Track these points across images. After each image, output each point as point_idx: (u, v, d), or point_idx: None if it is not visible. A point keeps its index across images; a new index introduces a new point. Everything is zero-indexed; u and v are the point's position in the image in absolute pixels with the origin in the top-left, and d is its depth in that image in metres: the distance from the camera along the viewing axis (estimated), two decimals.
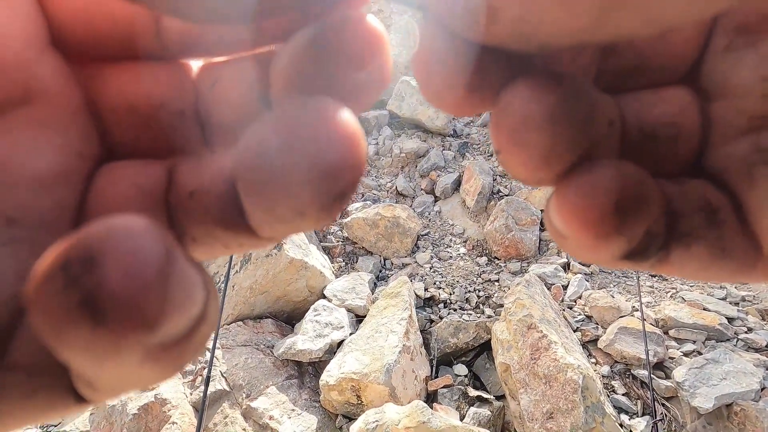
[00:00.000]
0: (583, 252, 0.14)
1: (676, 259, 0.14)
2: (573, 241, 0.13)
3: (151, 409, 2.07)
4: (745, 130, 0.14)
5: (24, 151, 0.13)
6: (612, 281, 2.83)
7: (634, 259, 0.14)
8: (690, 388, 1.99)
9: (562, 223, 0.13)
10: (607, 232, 0.12)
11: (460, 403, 2.24)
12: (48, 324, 0.09)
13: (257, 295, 2.67)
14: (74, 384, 0.12)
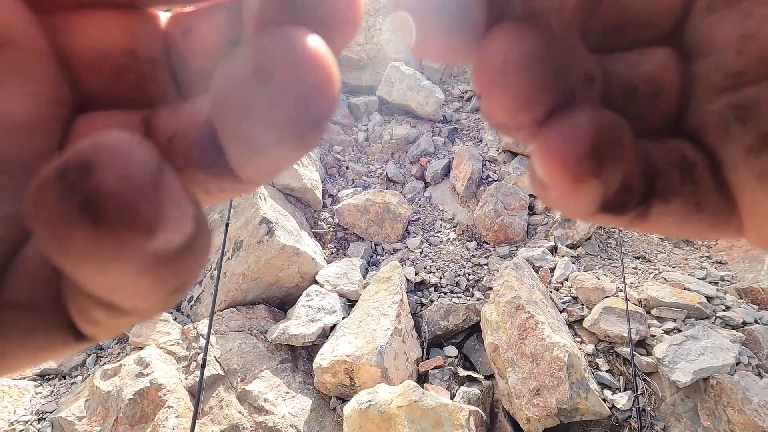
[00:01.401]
0: (562, 201, 0.14)
1: (654, 214, 0.15)
2: (553, 189, 0.13)
3: (146, 394, 2.09)
4: (722, 87, 0.14)
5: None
6: (597, 264, 2.90)
7: (612, 211, 0.14)
8: (669, 363, 2.08)
9: (541, 168, 0.13)
10: (584, 175, 0.13)
11: (450, 383, 2.31)
12: (50, 231, 0.09)
13: (249, 282, 2.69)
14: (74, 320, 0.12)
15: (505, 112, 0.13)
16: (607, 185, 0.13)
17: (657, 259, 2.94)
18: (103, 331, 0.13)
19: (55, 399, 2.28)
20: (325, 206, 3.40)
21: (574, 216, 0.15)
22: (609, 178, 0.13)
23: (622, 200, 0.14)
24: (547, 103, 0.13)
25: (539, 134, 0.13)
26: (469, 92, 4.53)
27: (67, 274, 0.10)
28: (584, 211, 0.14)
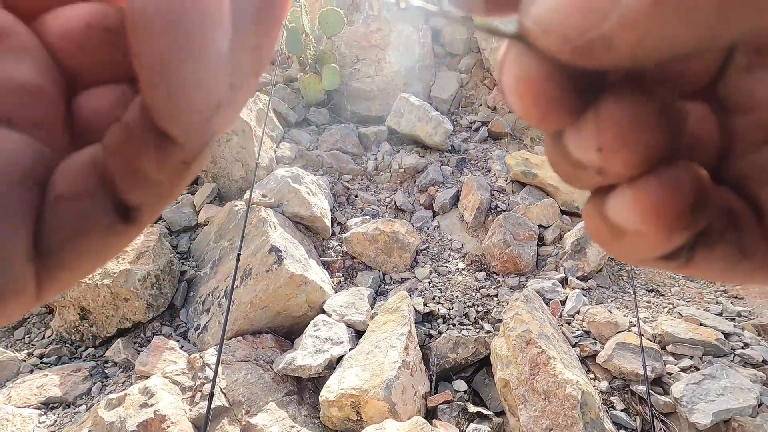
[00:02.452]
0: (638, 248, 0.15)
1: (700, 260, 0.15)
2: (637, 235, 0.14)
3: (150, 426, 2.06)
4: (764, 141, 0.15)
5: (4, 67, 0.15)
6: (609, 296, 2.85)
7: (667, 258, 0.15)
8: (688, 404, 2.00)
9: (636, 216, 0.14)
10: (680, 227, 0.14)
11: (459, 420, 2.24)
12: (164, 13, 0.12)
13: (257, 310, 2.68)
14: (123, 195, 0.15)
15: (624, 165, 0.14)
16: (689, 237, 0.14)
17: (671, 292, 2.88)
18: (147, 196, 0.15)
19: (59, 429, 2.25)
20: (334, 234, 3.41)
21: (629, 261, 0.16)
22: (694, 230, 0.14)
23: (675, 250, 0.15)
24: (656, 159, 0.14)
25: (639, 184, 0.14)
26: (476, 123, 4.59)
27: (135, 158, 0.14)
28: (643, 261, 0.15)
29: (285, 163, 3.79)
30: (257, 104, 3.91)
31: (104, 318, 2.80)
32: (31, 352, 2.75)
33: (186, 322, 2.93)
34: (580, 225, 3.15)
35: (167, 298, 2.92)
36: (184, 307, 3.01)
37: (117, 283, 2.73)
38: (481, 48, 5.02)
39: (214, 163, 3.55)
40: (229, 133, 3.55)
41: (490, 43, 4.87)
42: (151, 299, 2.82)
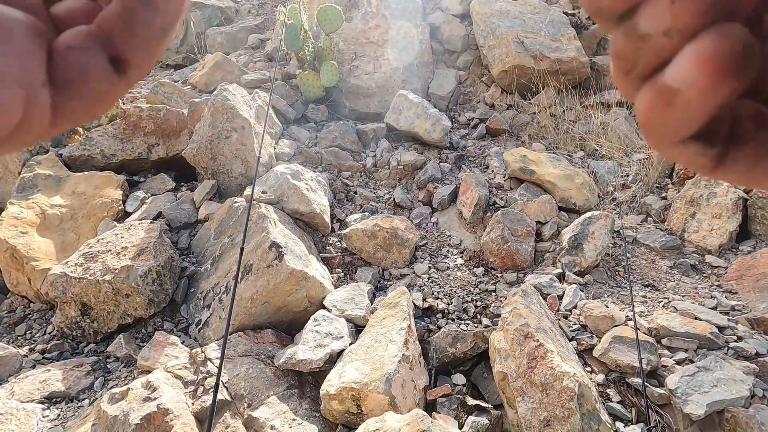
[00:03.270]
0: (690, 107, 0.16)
1: (731, 158, 0.17)
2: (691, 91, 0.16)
3: (153, 419, 2.08)
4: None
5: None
6: (606, 291, 2.89)
7: (703, 139, 0.17)
8: (682, 395, 2.04)
9: (695, 64, 0.16)
10: (730, 72, 0.15)
11: (458, 412, 2.28)
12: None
13: (258, 306, 2.70)
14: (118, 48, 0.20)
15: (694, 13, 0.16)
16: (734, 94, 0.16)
17: (666, 287, 2.92)
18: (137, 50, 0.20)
19: (62, 423, 2.27)
20: (333, 231, 3.43)
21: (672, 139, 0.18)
22: (741, 84, 0.16)
23: (714, 131, 0.17)
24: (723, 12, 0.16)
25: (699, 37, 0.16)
26: (475, 120, 4.62)
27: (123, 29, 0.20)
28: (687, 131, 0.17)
29: (284, 159, 3.80)
30: (256, 101, 3.92)
31: (105, 314, 2.82)
32: (33, 347, 2.77)
33: (187, 318, 2.95)
34: (578, 221, 3.19)
35: (168, 294, 2.94)
36: (185, 302, 3.03)
37: (118, 279, 2.75)
38: (479, 45, 5.03)
39: (214, 159, 3.56)
40: (228, 129, 3.56)
41: (488, 40, 4.89)
42: (152, 295, 2.83)
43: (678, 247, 3.26)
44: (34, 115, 0.19)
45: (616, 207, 3.68)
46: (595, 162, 4.04)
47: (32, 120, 0.19)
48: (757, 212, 3.23)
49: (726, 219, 3.21)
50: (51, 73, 0.19)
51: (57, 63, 0.19)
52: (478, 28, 5.03)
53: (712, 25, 0.16)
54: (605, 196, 3.75)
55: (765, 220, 3.20)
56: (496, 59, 4.79)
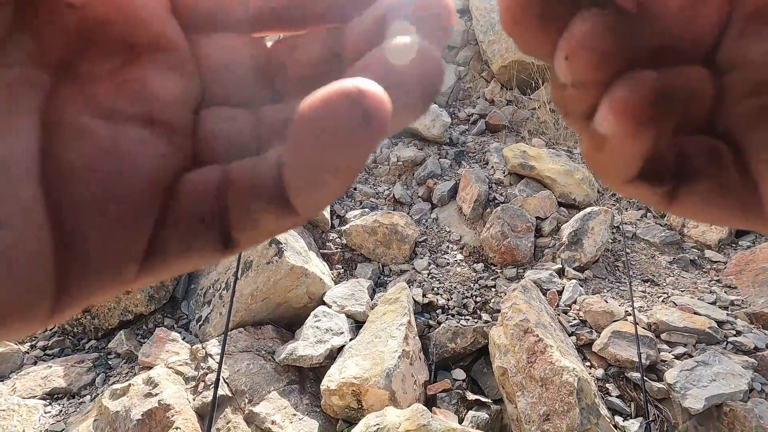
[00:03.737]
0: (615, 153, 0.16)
1: (682, 193, 0.17)
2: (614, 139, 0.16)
3: (154, 415, 2.09)
4: (750, 93, 0.17)
5: (159, 78, 0.17)
6: (605, 287, 2.90)
7: (648, 179, 0.17)
8: (681, 389, 2.05)
9: (605, 115, 0.16)
10: (645, 119, 0.15)
11: (458, 407, 2.29)
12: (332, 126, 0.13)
13: (258, 302, 2.71)
14: (232, 227, 0.16)
15: (587, 69, 0.16)
16: (659, 138, 0.16)
17: (666, 282, 2.93)
18: (252, 237, 0.16)
19: (64, 419, 2.28)
20: (333, 227, 3.44)
21: (617, 181, 0.18)
22: (663, 129, 0.16)
23: (658, 171, 0.17)
24: (621, 63, 0.16)
25: (609, 89, 0.16)
26: (474, 115, 4.61)
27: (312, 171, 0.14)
28: (627, 174, 0.17)
29: None
30: None
31: (106, 310, 2.82)
32: (34, 344, 2.78)
33: (187, 314, 2.96)
34: (577, 216, 3.19)
35: (168, 291, 2.94)
36: (186, 299, 3.03)
37: None
38: (478, 40, 5.02)
39: None
40: None
41: (488, 36, 4.87)
42: (152, 291, 2.84)
43: (677, 243, 3.26)
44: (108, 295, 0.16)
45: (616, 202, 3.68)
46: None
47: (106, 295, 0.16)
48: None
49: None
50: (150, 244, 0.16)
51: (161, 230, 0.16)
52: (477, 23, 5.01)
53: (624, 72, 0.16)
54: (605, 192, 3.76)
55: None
56: (495, 54, 4.77)
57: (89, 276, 0.15)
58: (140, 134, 0.16)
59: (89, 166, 0.15)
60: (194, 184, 0.16)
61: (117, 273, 0.15)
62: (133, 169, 0.15)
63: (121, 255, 0.15)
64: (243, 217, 0.16)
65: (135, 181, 0.15)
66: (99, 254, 0.15)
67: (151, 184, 0.16)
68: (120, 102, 0.16)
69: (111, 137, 0.15)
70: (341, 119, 0.13)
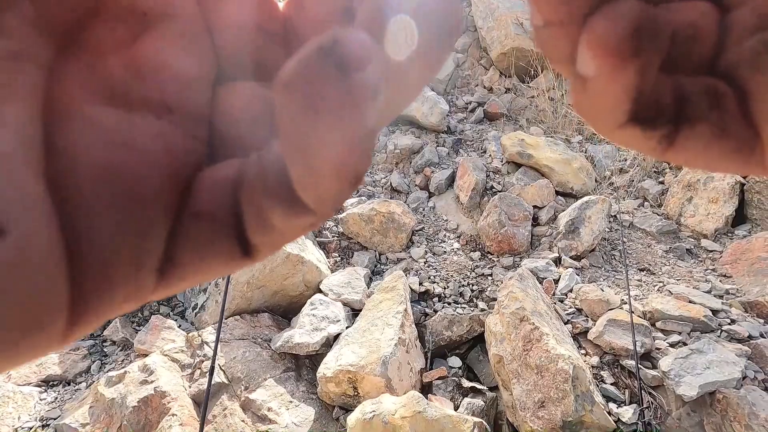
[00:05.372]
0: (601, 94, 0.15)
1: (681, 138, 0.16)
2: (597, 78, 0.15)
3: (150, 402, 2.09)
4: (756, 28, 0.15)
5: (175, 55, 0.15)
6: (601, 275, 2.90)
7: (642, 123, 0.16)
8: (675, 377, 2.07)
9: (584, 54, 0.15)
10: (625, 54, 0.14)
11: (454, 394, 2.30)
12: (310, 86, 0.12)
13: (254, 290, 2.70)
14: (247, 230, 0.14)
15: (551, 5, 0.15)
16: (644, 74, 0.15)
17: (661, 271, 2.93)
18: (269, 241, 0.15)
19: (60, 405, 2.28)
20: None
21: (607, 126, 0.16)
22: (647, 63, 0.15)
23: (653, 114, 0.16)
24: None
25: (585, 25, 0.15)
26: (472, 103, 4.57)
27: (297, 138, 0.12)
28: (617, 118, 0.16)
29: None
30: None
31: None
32: None
33: (183, 303, 2.95)
34: (575, 205, 3.18)
35: None
36: None
37: None
38: (477, 27, 4.95)
39: None
40: None
41: (487, 22, 4.81)
42: None
43: (674, 232, 3.27)
44: (130, 307, 0.14)
45: (614, 191, 3.67)
46: (593, 146, 4.02)
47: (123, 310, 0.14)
48: (753, 197, 3.23)
49: (722, 203, 3.21)
50: (167, 248, 0.14)
51: (179, 231, 0.14)
52: (476, 9, 4.94)
53: (602, 5, 0.15)
54: (603, 181, 3.74)
55: (761, 204, 3.20)
56: (494, 41, 4.71)
57: (105, 285, 0.13)
58: (156, 126, 0.14)
59: (101, 162, 0.13)
60: (211, 181, 0.15)
61: (134, 281, 0.14)
62: (149, 166, 0.14)
63: (138, 260, 0.13)
64: (255, 218, 0.14)
65: (151, 180, 0.14)
66: (114, 260, 0.13)
67: (169, 183, 0.14)
68: (133, 84, 0.14)
69: (124, 129, 0.14)
70: (316, 76, 0.12)
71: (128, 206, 0.13)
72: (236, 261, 0.15)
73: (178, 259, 0.14)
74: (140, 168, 0.14)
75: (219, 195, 0.14)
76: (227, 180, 0.15)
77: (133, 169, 0.13)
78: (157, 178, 0.14)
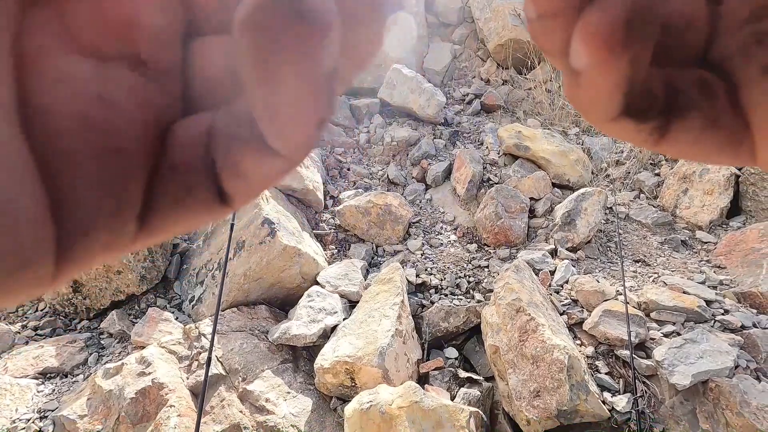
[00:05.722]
0: (593, 86, 0.15)
1: (673, 130, 0.16)
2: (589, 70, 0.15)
3: (148, 393, 2.10)
4: (746, 20, 0.16)
5: (144, 8, 0.15)
6: (597, 267, 2.92)
7: (634, 115, 0.16)
8: (669, 366, 2.09)
9: (577, 44, 0.15)
10: (617, 44, 0.14)
11: (450, 385, 2.32)
12: (265, 32, 0.12)
13: (251, 282, 2.70)
14: (222, 179, 0.15)
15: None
16: (636, 65, 0.15)
17: (656, 262, 2.95)
18: (244, 189, 0.15)
19: (57, 397, 2.28)
20: (327, 207, 3.41)
21: (600, 118, 0.16)
22: (638, 54, 0.15)
23: (645, 106, 0.16)
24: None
25: (579, 18, 0.15)
26: (470, 95, 4.55)
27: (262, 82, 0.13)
28: (609, 110, 0.16)
29: None
30: None
31: (97, 290, 2.80)
32: (25, 324, 2.76)
33: (180, 295, 2.95)
34: (571, 197, 3.19)
35: (160, 271, 2.92)
36: (178, 279, 3.02)
37: None
38: (475, 18, 4.91)
39: None
40: None
41: (484, 13, 4.77)
42: (144, 272, 2.82)
43: (669, 223, 3.29)
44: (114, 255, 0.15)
45: (610, 183, 3.68)
46: (589, 138, 4.02)
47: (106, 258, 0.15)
48: (748, 188, 3.25)
49: (718, 195, 3.23)
50: (146, 197, 0.15)
51: (156, 184, 0.15)
52: (474, 1, 4.90)
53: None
54: (599, 173, 3.75)
55: (756, 196, 3.22)
56: (492, 33, 4.68)
57: (89, 233, 0.14)
58: (130, 78, 0.14)
59: (76, 115, 0.13)
60: (185, 133, 0.15)
61: (116, 229, 0.14)
62: (124, 119, 0.14)
63: (118, 210, 0.14)
64: (227, 166, 0.15)
65: (127, 132, 0.14)
66: (95, 209, 0.14)
67: (145, 135, 0.14)
68: (104, 35, 0.14)
69: (99, 81, 0.14)
70: (271, 19, 0.12)
71: (106, 158, 0.13)
72: (214, 209, 0.15)
73: (157, 207, 0.15)
74: (116, 120, 0.14)
75: (193, 146, 0.15)
76: (200, 132, 0.15)
77: (110, 122, 0.14)
78: (133, 131, 0.14)
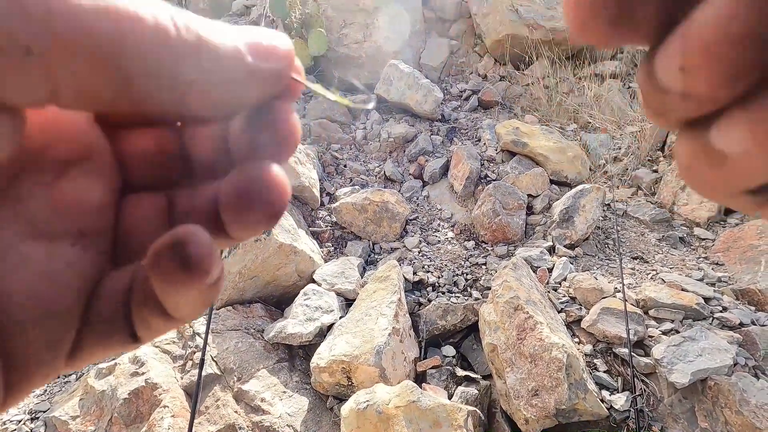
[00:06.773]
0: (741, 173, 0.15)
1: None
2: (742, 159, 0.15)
3: (142, 394, 2.07)
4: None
5: (87, 191, 0.19)
6: (595, 264, 2.90)
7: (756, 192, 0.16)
8: (668, 364, 2.08)
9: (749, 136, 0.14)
10: None
11: (448, 383, 2.30)
12: (162, 275, 0.17)
13: (246, 280, 2.67)
14: (135, 328, 0.19)
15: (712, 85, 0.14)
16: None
17: (655, 260, 2.94)
18: (152, 334, 0.20)
19: (49, 398, 2.25)
20: (323, 205, 3.38)
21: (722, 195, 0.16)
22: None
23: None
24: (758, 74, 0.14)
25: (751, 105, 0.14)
26: (467, 91, 4.52)
27: (161, 298, 0.18)
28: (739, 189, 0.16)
29: None
30: None
31: None
32: None
33: None
34: (569, 194, 3.17)
35: None
36: None
37: None
38: (472, 13, 4.87)
39: None
40: None
41: (482, 8, 4.73)
42: None
43: (667, 220, 3.27)
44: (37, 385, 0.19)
45: (608, 180, 3.66)
46: (587, 135, 4.00)
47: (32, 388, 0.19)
48: None
49: None
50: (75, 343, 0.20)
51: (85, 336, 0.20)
52: None
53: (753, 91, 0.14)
54: (597, 169, 3.73)
55: None
56: (489, 28, 4.65)
57: (29, 376, 0.18)
58: (70, 254, 0.19)
59: (28, 291, 0.17)
60: (112, 286, 0.20)
61: (50, 369, 0.18)
62: (65, 288, 0.18)
63: (53, 357, 0.18)
64: (141, 322, 0.19)
65: (66, 298, 0.18)
66: (37, 361, 0.18)
67: (79, 297, 0.19)
68: (53, 219, 0.18)
69: (46, 261, 0.18)
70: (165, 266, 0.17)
71: (46, 319, 0.18)
72: (127, 346, 0.20)
73: (83, 347, 0.19)
74: (56, 291, 0.18)
75: (115, 304, 0.19)
76: (121, 287, 0.19)
77: (52, 293, 0.18)
78: (69, 297, 0.18)
